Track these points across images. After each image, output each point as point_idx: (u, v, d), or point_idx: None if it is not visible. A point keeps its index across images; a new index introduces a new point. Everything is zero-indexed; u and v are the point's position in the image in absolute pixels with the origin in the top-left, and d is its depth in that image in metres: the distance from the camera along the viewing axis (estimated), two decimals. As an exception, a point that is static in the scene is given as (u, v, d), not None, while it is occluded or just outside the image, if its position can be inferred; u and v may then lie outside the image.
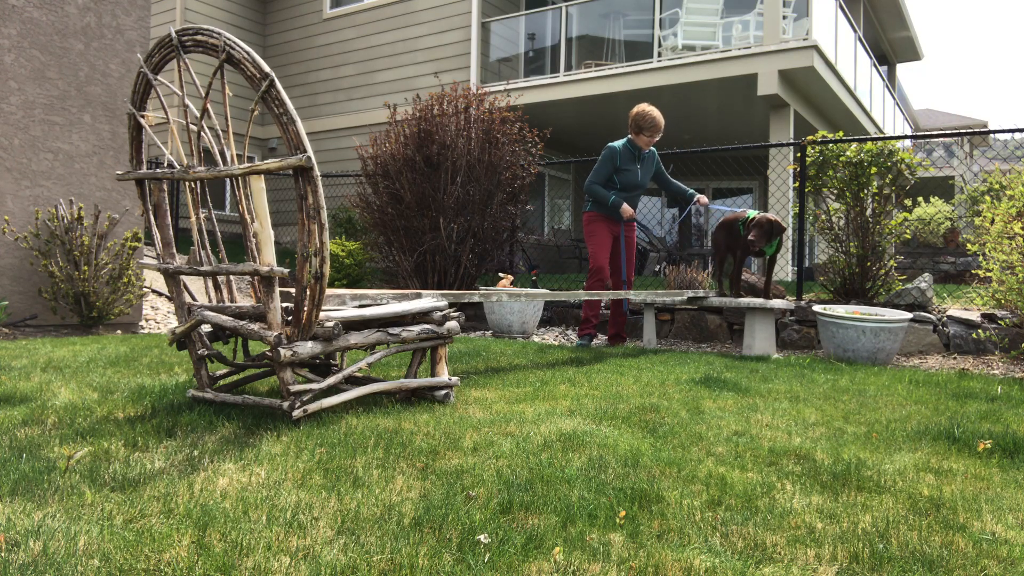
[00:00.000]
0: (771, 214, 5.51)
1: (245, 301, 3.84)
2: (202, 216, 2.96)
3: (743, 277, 6.40)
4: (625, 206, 5.37)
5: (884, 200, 5.91)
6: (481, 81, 11.19)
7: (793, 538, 1.67)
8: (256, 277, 2.65)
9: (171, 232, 2.82)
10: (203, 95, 2.48)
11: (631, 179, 5.47)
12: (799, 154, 6.21)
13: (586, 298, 5.23)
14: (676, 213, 15.82)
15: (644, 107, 5.39)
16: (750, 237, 5.40)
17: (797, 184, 6.32)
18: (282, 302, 2.72)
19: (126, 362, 3.80)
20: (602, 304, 5.86)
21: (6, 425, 2.42)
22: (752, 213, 5.55)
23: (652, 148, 5.55)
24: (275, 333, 2.44)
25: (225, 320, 2.61)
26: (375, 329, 2.81)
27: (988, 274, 4.88)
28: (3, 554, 1.43)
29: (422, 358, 3.06)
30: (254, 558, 1.45)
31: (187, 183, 2.83)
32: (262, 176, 2.51)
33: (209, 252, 2.95)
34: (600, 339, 6.33)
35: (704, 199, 5.61)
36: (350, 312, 2.71)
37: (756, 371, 4.06)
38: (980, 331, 5.18)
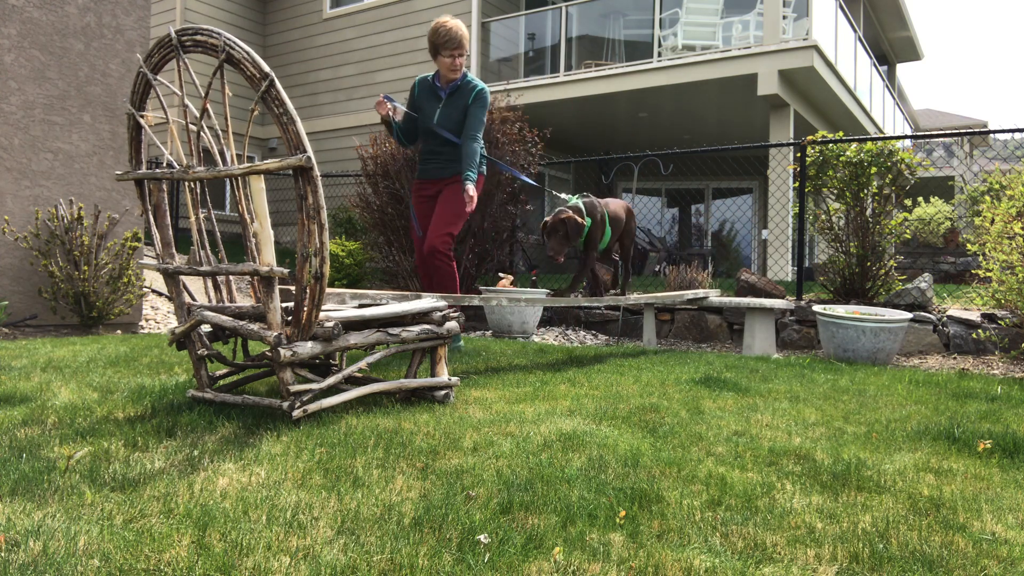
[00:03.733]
0: (567, 209, 4.63)
1: (245, 301, 3.83)
2: (202, 216, 2.95)
3: (743, 277, 6.40)
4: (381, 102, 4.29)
5: (884, 200, 5.91)
6: (481, 81, 11.19)
7: (793, 538, 1.67)
8: (256, 277, 2.65)
9: (171, 232, 2.82)
10: (203, 95, 2.48)
11: (425, 120, 4.36)
12: (799, 154, 6.21)
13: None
14: (676, 213, 15.82)
15: (437, 20, 4.25)
16: (548, 253, 4.48)
17: (797, 184, 6.32)
18: (282, 302, 2.72)
19: (126, 362, 3.80)
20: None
21: (6, 425, 2.42)
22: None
23: (477, 87, 4.29)
24: (275, 333, 2.44)
25: (225, 320, 2.61)
26: (375, 329, 2.81)
27: (988, 274, 4.88)
28: (3, 554, 1.43)
29: (422, 358, 3.06)
30: (254, 558, 1.45)
31: (187, 183, 2.83)
32: (262, 176, 2.51)
33: (209, 252, 2.95)
34: (599, 339, 6.33)
35: (471, 193, 4.09)
36: (350, 312, 2.71)
37: (756, 371, 4.06)
38: (980, 331, 5.18)
